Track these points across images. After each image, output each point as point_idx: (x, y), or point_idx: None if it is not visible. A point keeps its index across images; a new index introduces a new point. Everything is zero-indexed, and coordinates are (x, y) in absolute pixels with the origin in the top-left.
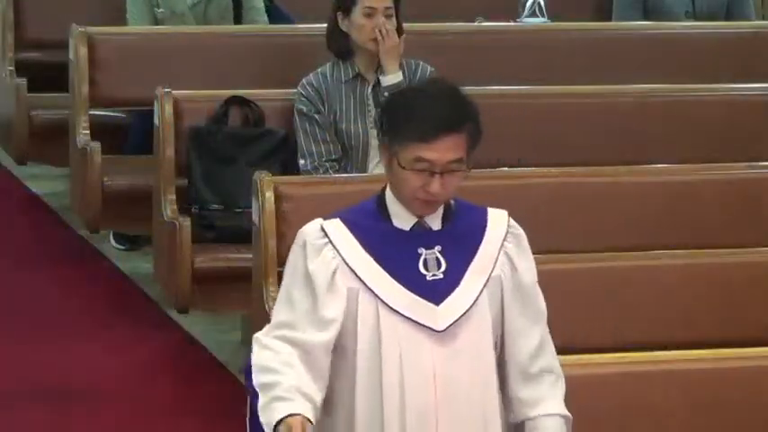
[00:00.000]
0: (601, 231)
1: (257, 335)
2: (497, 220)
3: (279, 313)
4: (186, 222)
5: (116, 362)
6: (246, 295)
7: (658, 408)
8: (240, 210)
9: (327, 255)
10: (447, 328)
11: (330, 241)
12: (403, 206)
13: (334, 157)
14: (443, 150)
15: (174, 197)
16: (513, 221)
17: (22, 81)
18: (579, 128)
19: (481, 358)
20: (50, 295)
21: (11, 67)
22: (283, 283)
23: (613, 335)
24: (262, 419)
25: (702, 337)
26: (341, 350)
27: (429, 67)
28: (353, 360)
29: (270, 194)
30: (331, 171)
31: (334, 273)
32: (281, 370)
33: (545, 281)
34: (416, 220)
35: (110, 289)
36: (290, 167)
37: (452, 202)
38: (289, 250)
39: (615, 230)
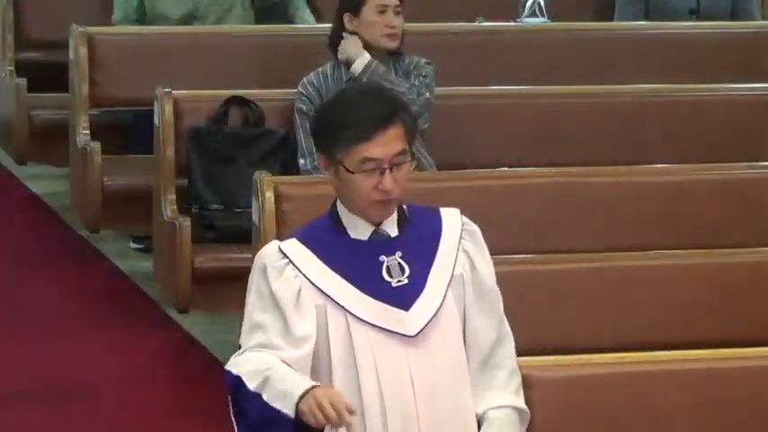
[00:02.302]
0: (601, 231)
1: (229, 362)
2: (451, 218)
3: (250, 339)
4: (186, 222)
5: (116, 362)
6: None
7: (658, 408)
8: (240, 210)
9: (290, 275)
10: (419, 332)
11: (290, 261)
12: (358, 215)
13: None
14: (386, 144)
15: (174, 197)
16: (465, 218)
17: (22, 81)
18: (579, 128)
19: (455, 357)
20: (50, 295)
21: (11, 67)
22: (247, 311)
23: (613, 335)
24: (277, 406)
25: (702, 337)
26: (314, 372)
27: (424, 60)
28: (328, 379)
29: (270, 194)
30: None
31: (299, 292)
32: (272, 365)
33: (545, 281)
34: (373, 229)
35: (110, 289)
36: (290, 167)
37: (405, 207)
38: None
39: (615, 230)
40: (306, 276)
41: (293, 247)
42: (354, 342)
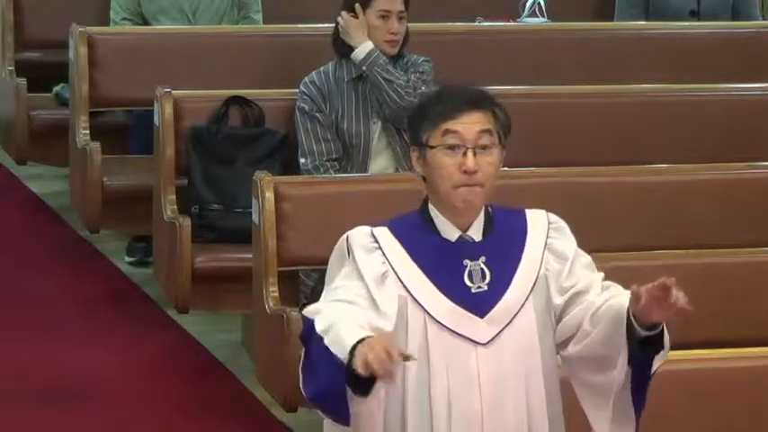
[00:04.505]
0: (601, 231)
1: (306, 309)
2: (536, 220)
3: (333, 294)
4: (186, 222)
5: (116, 362)
6: (246, 295)
7: (658, 407)
8: (240, 210)
9: (378, 259)
10: (490, 340)
11: (380, 247)
12: (447, 215)
13: (334, 156)
14: (470, 122)
15: (174, 197)
16: (552, 216)
17: (22, 81)
18: (579, 128)
19: (526, 366)
20: (50, 295)
21: (11, 67)
22: (329, 278)
23: None
24: (333, 350)
25: (703, 337)
26: None
27: (421, 57)
28: (403, 371)
29: (270, 194)
30: (331, 170)
31: (385, 275)
32: (344, 313)
33: None
34: (460, 233)
35: (110, 289)
36: (290, 167)
37: (490, 209)
38: (288, 250)
39: (615, 230)
40: (392, 266)
41: (384, 234)
42: (430, 341)
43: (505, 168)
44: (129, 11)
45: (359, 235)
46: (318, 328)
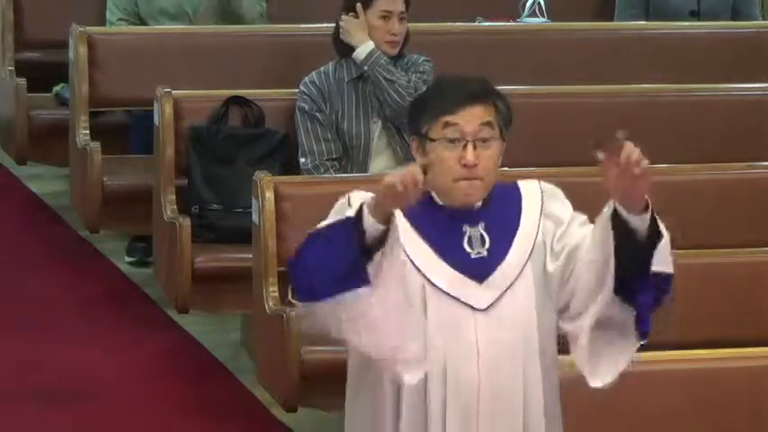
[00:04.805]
0: None
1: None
2: (530, 188)
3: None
4: (186, 222)
5: (116, 362)
6: (246, 295)
7: (658, 408)
8: (240, 210)
9: None
10: (489, 306)
11: None
12: (444, 200)
13: (334, 155)
14: (470, 116)
15: (174, 197)
16: (544, 184)
17: (22, 81)
18: (579, 128)
19: (524, 332)
20: (50, 295)
21: (11, 67)
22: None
23: None
24: (338, 218)
25: (702, 337)
26: None
27: (423, 58)
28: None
29: (270, 194)
30: (332, 170)
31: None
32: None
33: None
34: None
35: (109, 289)
36: (290, 167)
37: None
38: (288, 250)
39: None
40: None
41: None
42: (428, 306)
43: (505, 168)
44: (126, 11)
45: (360, 194)
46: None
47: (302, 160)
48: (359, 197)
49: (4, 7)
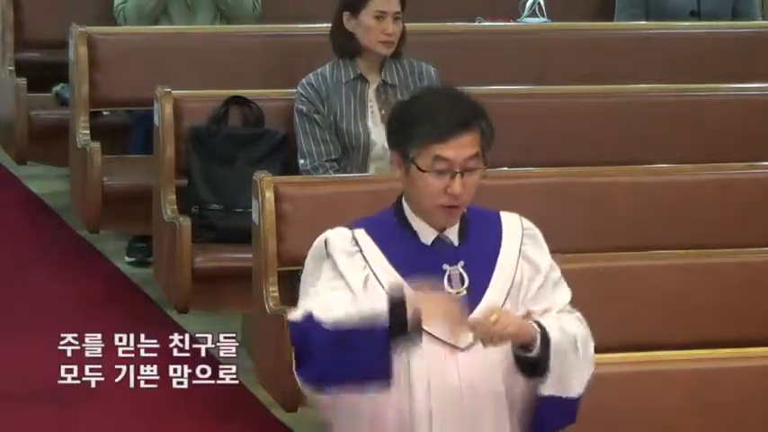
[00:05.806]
0: (601, 231)
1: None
2: (511, 224)
3: (314, 299)
4: (186, 222)
5: (116, 362)
6: (246, 295)
7: (659, 408)
8: (240, 210)
9: (359, 263)
10: (469, 345)
11: (361, 251)
12: (423, 219)
13: (333, 156)
14: (460, 147)
15: (174, 197)
16: (526, 222)
17: (22, 81)
18: (579, 128)
19: (504, 368)
20: (50, 295)
21: (11, 67)
22: (306, 285)
23: (614, 335)
24: (361, 314)
25: (702, 337)
26: None
27: (432, 68)
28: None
29: (270, 194)
30: (331, 171)
31: (367, 280)
32: (348, 296)
33: None
34: (436, 235)
35: (109, 289)
36: (289, 167)
37: (465, 210)
38: (288, 250)
39: (615, 230)
40: (372, 270)
41: (363, 237)
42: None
43: (505, 168)
44: None
45: (339, 238)
46: (322, 317)
47: (301, 162)
48: (339, 245)
49: (4, 7)
